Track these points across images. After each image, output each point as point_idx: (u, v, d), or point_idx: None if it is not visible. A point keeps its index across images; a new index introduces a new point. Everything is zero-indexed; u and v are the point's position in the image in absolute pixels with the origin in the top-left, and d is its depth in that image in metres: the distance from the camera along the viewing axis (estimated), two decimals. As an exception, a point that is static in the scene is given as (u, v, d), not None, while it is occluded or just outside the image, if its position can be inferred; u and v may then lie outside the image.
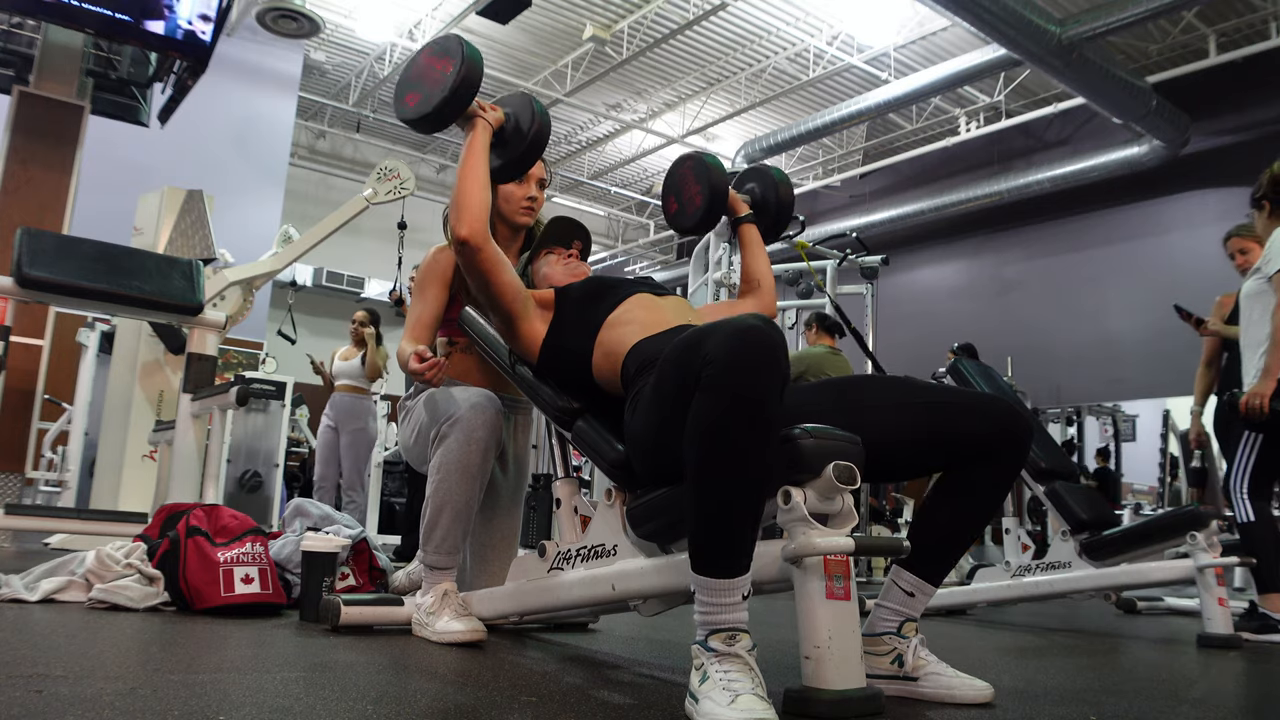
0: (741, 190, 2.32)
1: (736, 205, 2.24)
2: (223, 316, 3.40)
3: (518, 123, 2.03)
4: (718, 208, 2.17)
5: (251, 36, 8.57)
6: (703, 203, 2.15)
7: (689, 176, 2.19)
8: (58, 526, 3.84)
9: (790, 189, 2.30)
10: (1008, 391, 4.21)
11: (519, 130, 2.02)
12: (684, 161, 2.22)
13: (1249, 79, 8.49)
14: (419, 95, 1.93)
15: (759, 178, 2.33)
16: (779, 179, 2.29)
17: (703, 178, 2.15)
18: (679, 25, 8.96)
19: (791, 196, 2.30)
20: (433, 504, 2.06)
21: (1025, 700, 1.60)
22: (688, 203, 2.19)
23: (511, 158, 2.03)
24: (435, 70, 1.90)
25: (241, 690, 1.33)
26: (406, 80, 1.98)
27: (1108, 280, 9.62)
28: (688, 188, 2.19)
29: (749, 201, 2.28)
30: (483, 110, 1.97)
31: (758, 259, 2.25)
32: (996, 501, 1.60)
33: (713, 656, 1.28)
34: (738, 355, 1.27)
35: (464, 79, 1.86)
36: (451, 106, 1.89)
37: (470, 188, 1.92)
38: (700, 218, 2.17)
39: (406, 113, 1.95)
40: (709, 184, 2.14)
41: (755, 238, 2.25)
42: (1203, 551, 2.86)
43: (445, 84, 1.87)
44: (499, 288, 1.91)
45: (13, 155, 4.74)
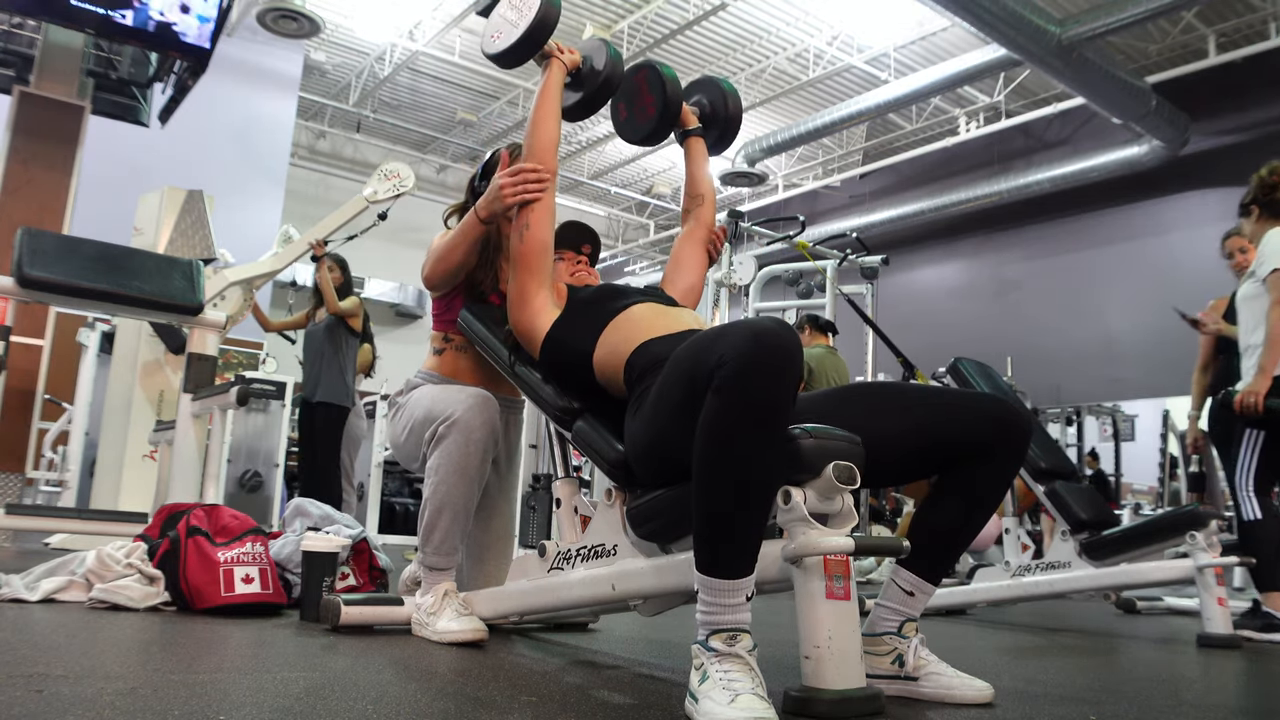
0: (689, 102, 2.34)
1: (686, 118, 2.27)
2: (223, 316, 3.40)
3: (593, 65, 2.14)
4: (670, 119, 2.20)
5: (251, 36, 8.58)
6: (655, 113, 2.18)
7: (642, 86, 2.22)
8: (58, 526, 3.84)
9: (739, 101, 2.33)
10: (1007, 391, 4.21)
11: (594, 71, 2.13)
12: (638, 69, 2.24)
13: (1249, 79, 8.49)
14: (501, 34, 2.04)
15: (708, 89, 2.35)
16: (728, 90, 2.32)
17: (656, 88, 2.18)
18: (679, 25, 8.96)
19: (740, 109, 2.33)
20: (431, 505, 2.06)
21: (1025, 700, 1.60)
22: (639, 112, 2.23)
23: (586, 96, 2.15)
24: (516, 11, 2.02)
25: (241, 690, 1.33)
26: (494, 19, 2.09)
27: (1108, 280, 9.62)
28: (640, 97, 2.22)
29: (697, 114, 2.31)
30: (560, 51, 2.08)
31: (701, 171, 2.29)
32: (996, 501, 1.60)
33: (713, 656, 1.28)
34: (753, 358, 1.27)
35: (542, 18, 1.97)
36: (529, 43, 2.00)
37: (542, 123, 2.03)
38: (652, 128, 2.21)
39: (490, 48, 2.06)
40: (663, 95, 2.17)
41: (702, 150, 2.29)
42: (1202, 551, 2.86)
43: (524, 24, 1.99)
44: (539, 223, 1.94)
45: (13, 155, 4.74)
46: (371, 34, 10.00)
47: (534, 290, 1.90)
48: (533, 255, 1.92)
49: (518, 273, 1.93)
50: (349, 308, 5.26)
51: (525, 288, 1.91)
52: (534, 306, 1.90)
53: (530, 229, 1.93)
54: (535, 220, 1.94)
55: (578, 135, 12.08)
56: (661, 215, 14.49)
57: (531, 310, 1.90)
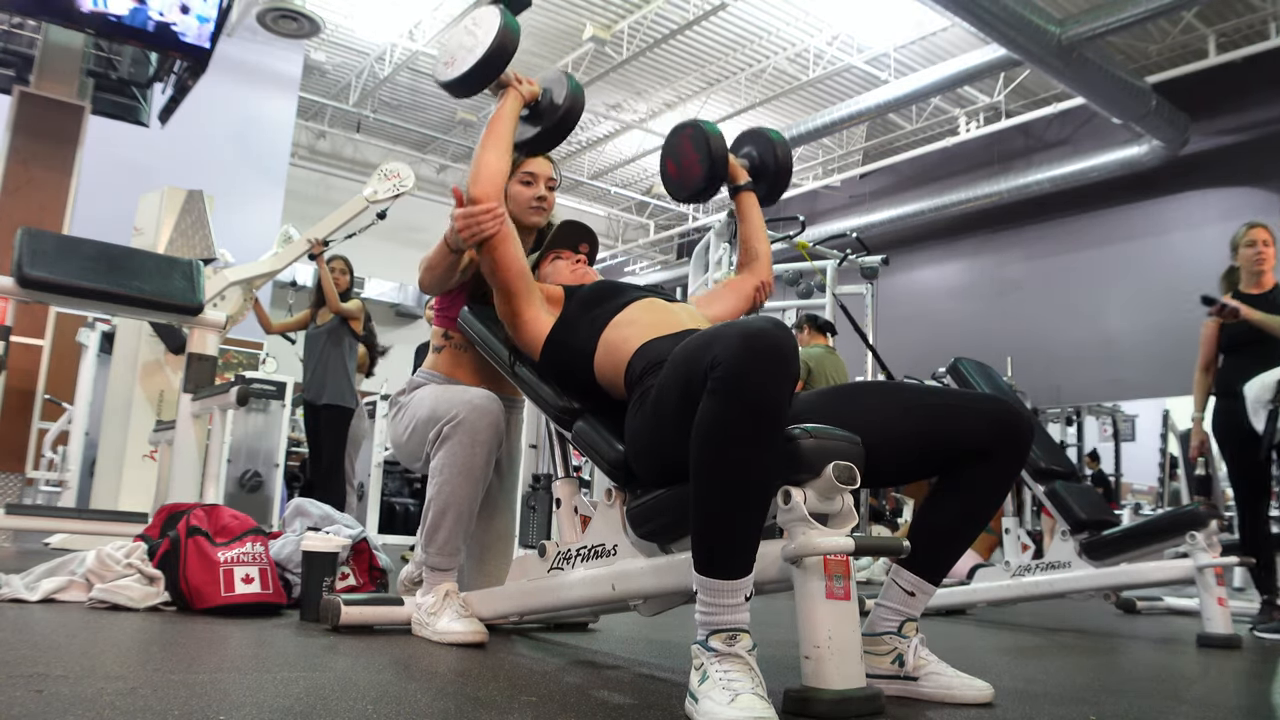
0: (739, 154, 2.29)
1: (735, 172, 2.22)
2: (223, 316, 3.40)
3: (552, 98, 2.07)
4: (717, 177, 2.15)
5: (251, 36, 8.57)
6: (702, 171, 2.13)
7: (687, 144, 2.16)
8: (58, 526, 3.84)
9: (788, 149, 2.27)
10: (1007, 391, 4.21)
11: (552, 105, 2.07)
12: (683, 128, 2.19)
13: (1249, 79, 8.49)
14: (455, 60, 1.99)
15: (756, 141, 2.30)
16: (776, 140, 2.26)
17: (701, 146, 2.12)
18: (679, 25, 8.95)
19: (789, 157, 2.27)
20: (435, 505, 2.06)
21: (1025, 700, 1.60)
22: (686, 170, 2.17)
23: (543, 130, 2.08)
24: (472, 37, 1.97)
25: (241, 690, 1.33)
26: (449, 45, 2.04)
27: (1108, 280, 9.62)
28: (686, 155, 2.17)
29: (747, 167, 2.26)
30: (517, 82, 2.03)
31: (755, 228, 2.24)
32: (997, 501, 1.60)
33: (713, 656, 1.28)
34: (747, 359, 1.27)
35: (498, 47, 1.91)
36: (482, 73, 1.94)
37: (489, 152, 1.97)
38: (699, 187, 2.16)
39: (441, 75, 2.02)
40: (708, 153, 2.11)
41: (753, 206, 2.24)
42: (1202, 551, 2.87)
43: (479, 51, 1.93)
44: (503, 258, 1.91)
45: (13, 155, 4.74)
46: (371, 34, 10.00)
47: (523, 309, 1.92)
48: (511, 282, 1.92)
49: (501, 298, 1.95)
50: (351, 309, 5.27)
51: (514, 310, 1.93)
52: (526, 320, 1.92)
53: (498, 265, 1.92)
54: (500, 256, 1.92)
55: (578, 135, 12.07)
56: (661, 215, 14.49)
57: (525, 324, 1.92)
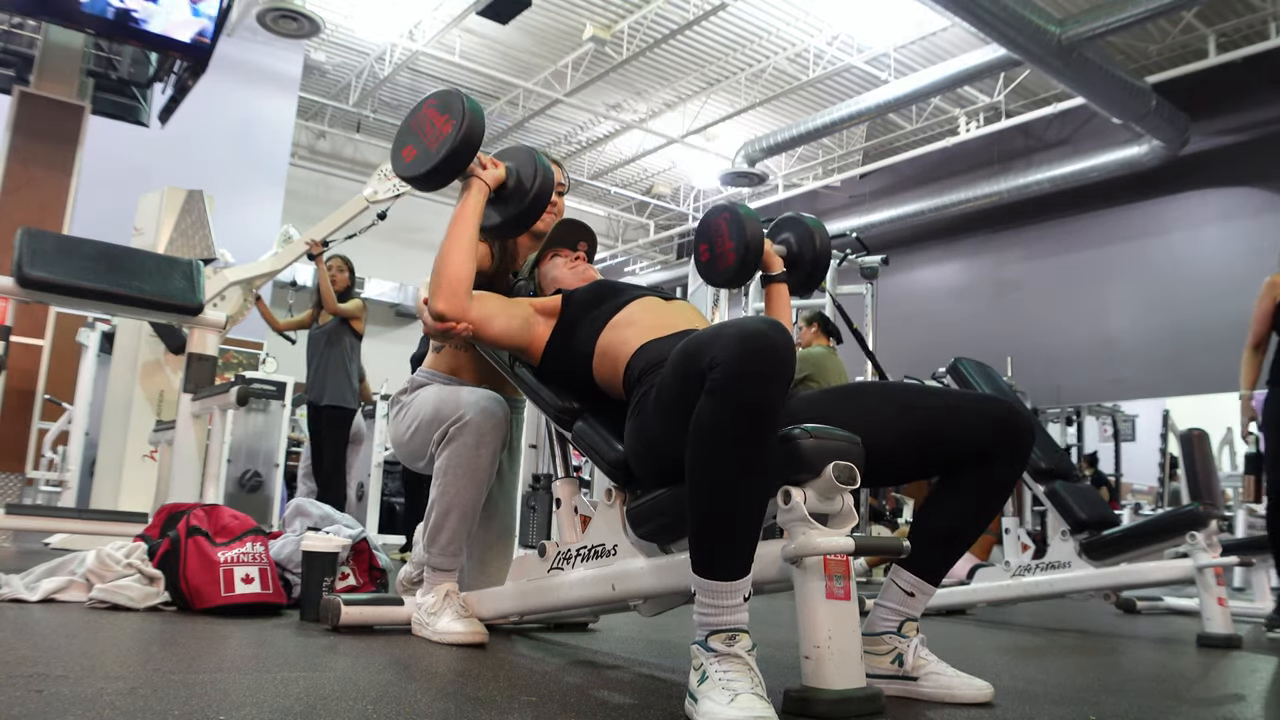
0: (776, 239, 2.21)
1: (770, 262, 2.14)
2: (223, 316, 3.40)
3: (519, 178, 1.94)
4: (750, 266, 2.09)
5: (251, 36, 8.57)
6: (735, 261, 2.07)
7: (724, 230, 2.10)
8: (58, 526, 3.83)
9: (827, 238, 2.19)
10: (1007, 391, 4.21)
11: (520, 186, 1.93)
12: (719, 212, 2.13)
13: (1249, 79, 8.49)
14: (416, 151, 1.85)
15: (794, 228, 2.21)
16: (814, 227, 2.18)
17: (737, 234, 2.06)
18: (679, 25, 8.95)
19: (828, 247, 2.19)
20: (439, 506, 2.05)
21: (1025, 700, 1.60)
22: (720, 256, 2.11)
23: (512, 214, 1.96)
24: (435, 126, 1.82)
25: (241, 690, 1.33)
26: (406, 130, 1.89)
27: (1108, 280, 9.62)
28: (721, 241, 2.11)
29: (783, 254, 2.18)
30: (482, 168, 1.90)
31: (780, 316, 2.16)
32: (998, 502, 1.60)
33: (712, 656, 1.28)
34: (744, 360, 1.27)
35: (464, 139, 1.79)
36: (448, 167, 1.82)
37: (453, 256, 1.83)
38: (732, 275, 2.10)
39: (402, 169, 1.88)
40: (744, 242, 2.04)
41: (783, 297, 2.17)
42: (1202, 551, 2.87)
43: (443, 144, 1.80)
44: (495, 341, 1.93)
45: (13, 155, 4.74)
46: (371, 34, 10.00)
47: (523, 345, 1.94)
48: (510, 343, 1.94)
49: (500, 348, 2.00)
50: (349, 309, 5.27)
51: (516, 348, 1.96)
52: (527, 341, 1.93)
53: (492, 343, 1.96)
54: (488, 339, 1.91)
55: (578, 135, 12.08)
56: (661, 215, 14.49)
57: (526, 344, 1.94)
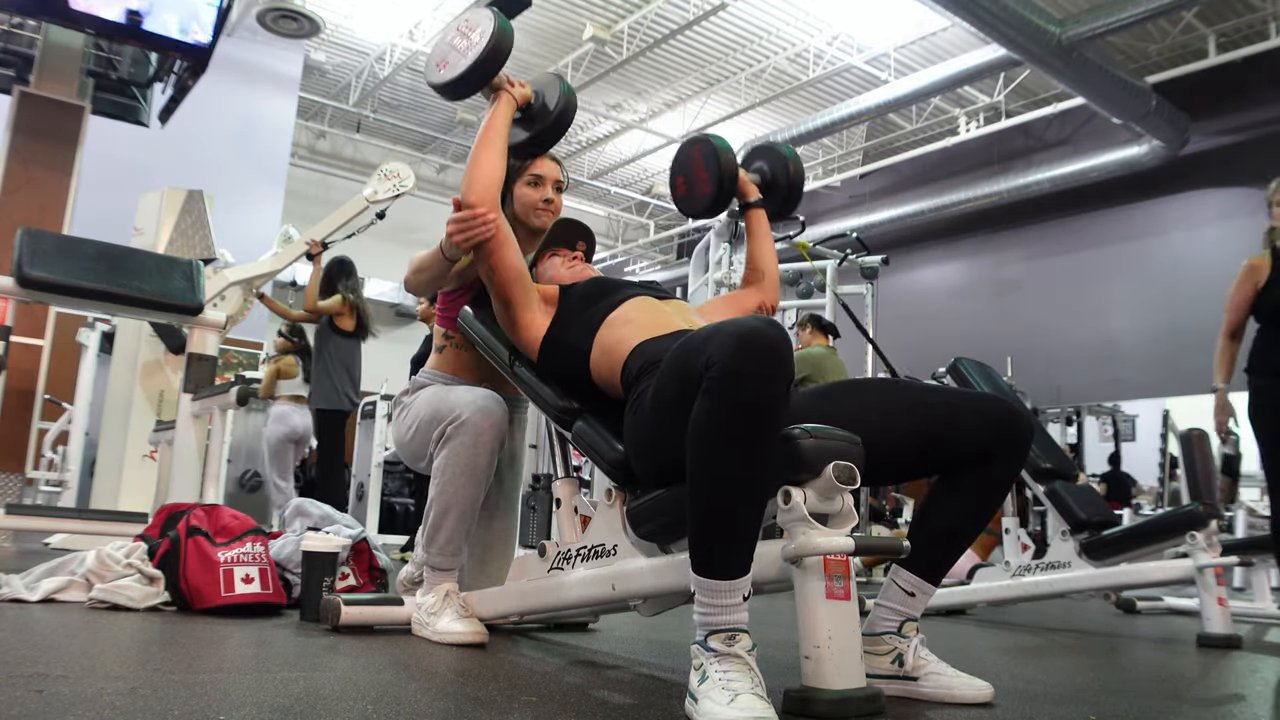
0: (750, 169, 2.28)
1: (745, 189, 2.20)
2: (223, 316, 3.40)
3: (544, 101, 2.07)
4: (726, 194, 2.14)
5: (251, 36, 8.57)
6: (711, 190, 2.12)
7: (698, 161, 2.15)
8: (58, 526, 3.83)
9: (800, 165, 2.26)
10: (1007, 391, 4.20)
11: (545, 108, 2.07)
12: (693, 144, 2.18)
13: (1249, 79, 8.49)
14: (448, 63, 1.98)
15: (768, 156, 2.29)
16: (788, 156, 2.25)
17: (711, 164, 2.11)
18: (679, 25, 8.96)
19: (801, 173, 2.25)
20: (437, 506, 2.05)
21: (1025, 700, 1.60)
22: (696, 188, 2.16)
23: (535, 134, 2.08)
24: (466, 40, 1.95)
25: (241, 690, 1.33)
26: (440, 46, 2.02)
27: (1108, 280, 9.62)
28: (696, 173, 2.16)
29: (758, 182, 2.24)
30: (510, 85, 2.02)
31: (763, 247, 2.23)
32: (997, 501, 1.60)
33: (712, 656, 1.28)
34: (741, 358, 1.27)
35: (492, 50, 1.90)
36: (476, 76, 1.93)
37: (483, 158, 1.96)
38: (709, 204, 2.15)
39: (434, 78, 2.00)
40: (718, 171, 2.10)
41: (763, 224, 2.23)
42: (1202, 551, 2.86)
43: (473, 54, 1.92)
44: (500, 262, 1.91)
45: (13, 155, 4.74)
46: (371, 34, 10.00)
47: (519, 312, 1.92)
48: (507, 286, 1.92)
49: (499, 304, 1.95)
50: (325, 306, 5.24)
51: (510, 314, 1.93)
52: (524, 323, 1.92)
53: (495, 270, 1.92)
54: (498, 261, 1.91)
55: (578, 135, 12.08)
56: (661, 215, 14.49)
57: (522, 327, 1.92)
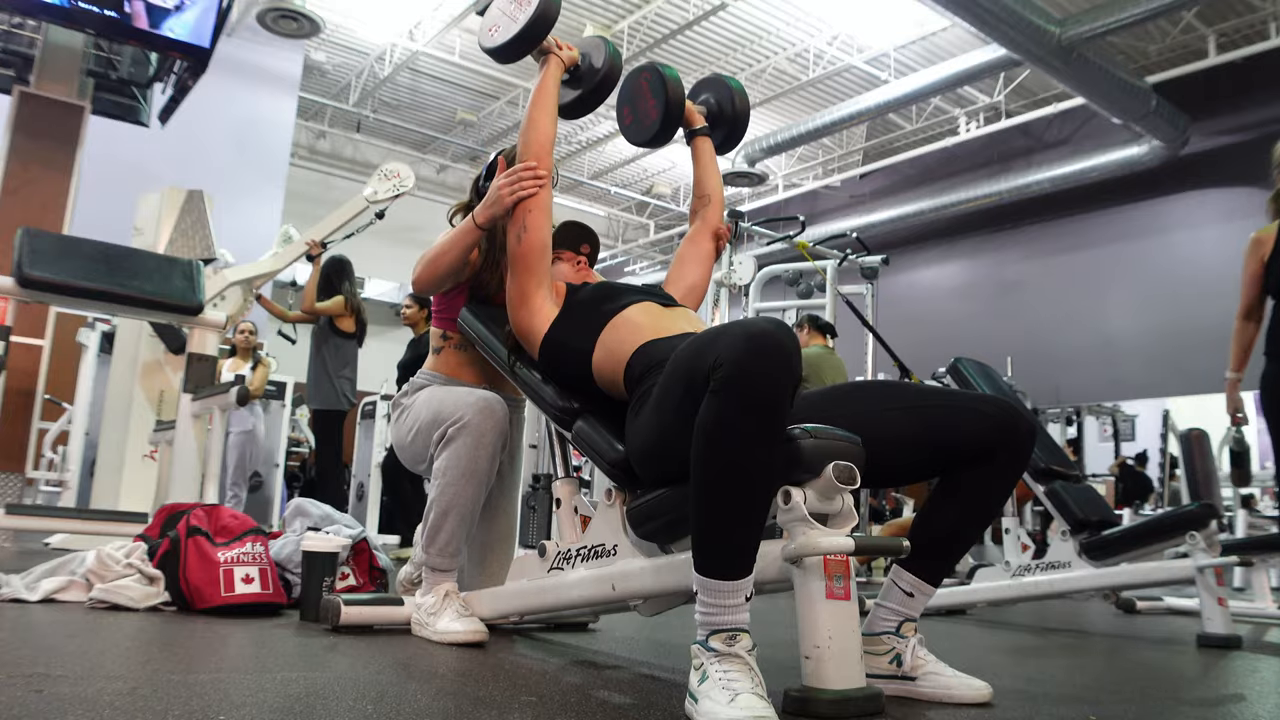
0: (696, 101, 2.32)
1: (691, 117, 2.25)
2: (223, 316, 3.40)
3: (591, 62, 2.13)
4: (673, 120, 2.18)
5: (251, 36, 8.57)
6: (658, 116, 2.16)
7: (644, 89, 2.20)
8: (58, 526, 3.84)
9: (746, 99, 2.31)
10: (1008, 392, 4.20)
11: (592, 68, 2.13)
12: (639, 72, 2.22)
13: (1249, 79, 8.49)
14: (499, 28, 2.02)
15: (715, 87, 2.33)
16: (735, 87, 2.30)
17: (658, 90, 2.15)
18: (679, 25, 8.95)
19: (747, 107, 2.31)
20: (438, 507, 2.05)
21: (1025, 700, 1.60)
22: (643, 115, 2.20)
23: (583, 93, 2.14)
24: (516, 5, 2.00)
25: (241, 690, 1.33)
26: (492, 12, 2.06)
27: (1108, 280, 9.62)
28: (643, 100, 2.20)
29: (704, 113, 2.29)
30: (558, 48, 2.07)
31: (710, 171, 2.28)
32: (999, 503, 1.60)
33: (713, 656, 1.28)
34: (750, 358, 1.27)
35: (541, 14, 1.95)
36: (527, 39, 1.98)
37: (538, 119, 2.02)
38: (656, 131, 2.18)
39: (486, 42, 2.04)
40: (665, 97, 2.14)
41: (709, 150, 2.27)
42: (1202, 551, 2.86)
43: (523, 18, 1.97)
44: (535, 223, 1.93)
45: (13, 155, 4.74)
46: (371, 34, 10.00)
47: (533, 289, 1.91)
48: (531, 255, 1.92)
49: (516, 273, 1.93)
50: (325, 307, 5.27)
51: (524, 287, 1.91)
52: (533, 304, 1.90)
53: (528, 231, 1.93)
54: (532, 222, 1.93)
55: (578, 135, 12.08)
56: (661, 215, 14.49)
57: (531, 308, 1.90)
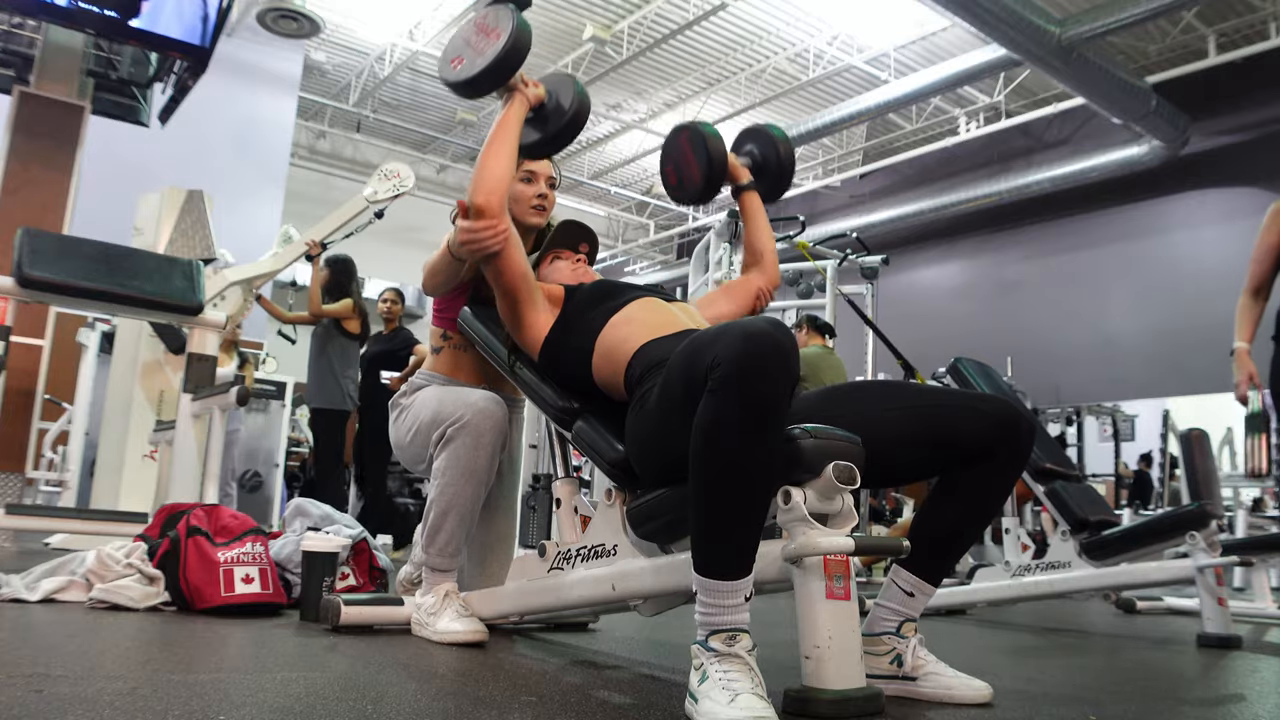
0: (740, 153, 2.26)
1: (736, 173, 2.18)
2: (223, 316, 3.40)
3: (558, 101, 2.03)
4: (717, 178, 2.11)
5: (251, 36, 8.57)
6: (700, 177, 2.09)
7: (685, 149, 2.13)
8: (58, 526, 3.83)
9: (790, 146, 2.23)
10: (1007, 391, 4.20)
11: (559, 108, 2.03)
12: (680, 131, 2.16)
13: (1249, 79, 8.49)
14: (463, 60, 1.94)
15: (757, 138, 2.26)
16: (778, 137, 2.22)
17: (699, 149, 2.08)
18: (679, 25, 8.96)
19: (792, 153, 2.22)
20: (438, 507, 2.05)
21: (1025, 700, 1.60)
22: (686, 176, 2.14)
23: (548, 134, 2.04)
24: (484, 37, 1.91)
25: (241, 690, 1.33)
26: (455, 42, 1.98)
27: (1108, 280, 9.62)
28: (685, 160, 2.13)
29: (749, 165, 2.23)
30: (524, 85, 1.98)
31: (760, 229, 2.21)
32: (998, 502, 1.60)
33: (712, 656, 1.28)
34: (747, 358, 1.27)
35: (510, 50, 1.86)
36: (493, 76, 1.90)
37: (494, 157, 1.91)
38: (700, 191, 2.12)
39: (449, 75, 1.96)
40: (706, 156, 2.07)
41: (757, 206, 2.21)
42: (1202, 551, 2.86)
43: (491, 53, 1.87)
44: (505, 263, 1.89)
45: (13, 155, 4.74)
46: (371, 34, 10.00)
47: (524, 311, 1.92)
48: (514, 288, 1.91)
49: (504, 301, 1.94)
50: (334, 309, 5.27)
51: (515, 312, 1.93)
52: (526, 321, 1.91)
53: (502, 274, 1.91)
54: (503, 263, 1.90)
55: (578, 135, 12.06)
56: (661, 215, 14.49)
57: (524, 325, 1.92)
